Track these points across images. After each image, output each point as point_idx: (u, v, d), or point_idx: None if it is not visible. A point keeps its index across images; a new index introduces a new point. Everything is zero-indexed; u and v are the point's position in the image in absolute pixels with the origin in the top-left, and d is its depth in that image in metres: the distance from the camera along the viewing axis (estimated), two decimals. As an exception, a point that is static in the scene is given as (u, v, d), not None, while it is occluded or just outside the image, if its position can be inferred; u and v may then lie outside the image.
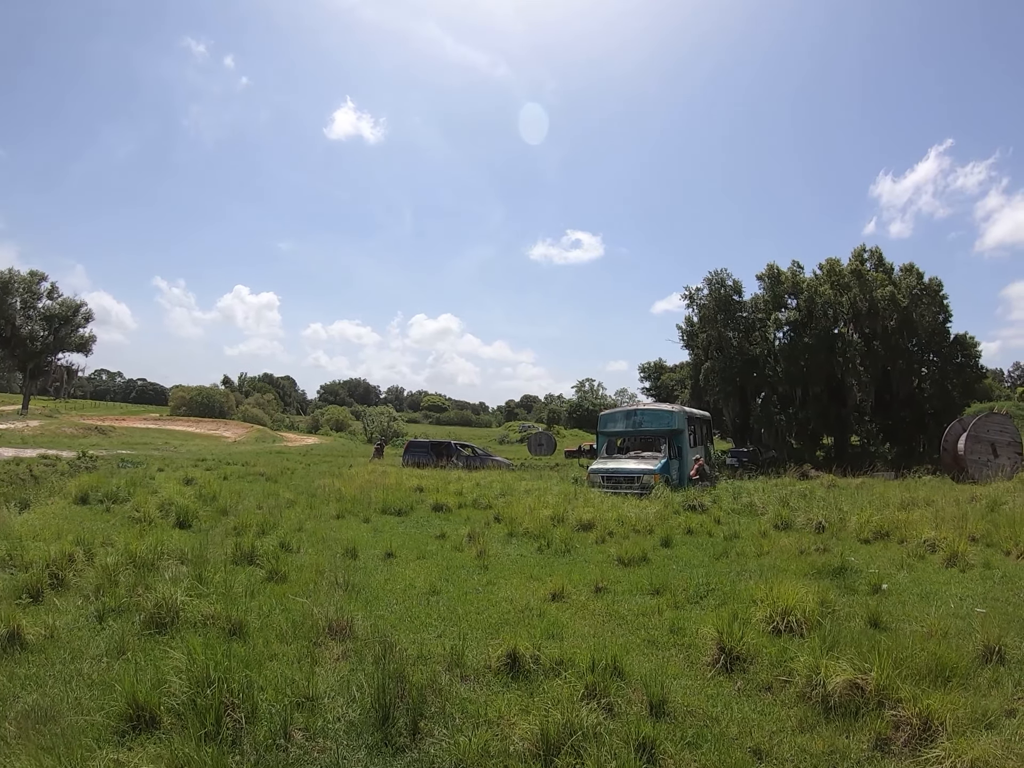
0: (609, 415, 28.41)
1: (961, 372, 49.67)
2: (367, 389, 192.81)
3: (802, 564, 10.20)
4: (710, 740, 4.77)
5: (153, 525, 12.10)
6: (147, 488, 16.96)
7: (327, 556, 10.33)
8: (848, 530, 13.04)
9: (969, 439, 26.28)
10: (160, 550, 9.50)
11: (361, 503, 16.37)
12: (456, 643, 6.24)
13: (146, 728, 4.63)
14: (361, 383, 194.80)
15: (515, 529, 13.34)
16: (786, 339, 52.11)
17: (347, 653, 6.20)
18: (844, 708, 5.11)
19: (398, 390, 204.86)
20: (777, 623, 7.05)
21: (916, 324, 48.61)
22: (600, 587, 8.95)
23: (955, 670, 5.59)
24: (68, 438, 42.30)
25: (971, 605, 8.04)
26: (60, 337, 72.44)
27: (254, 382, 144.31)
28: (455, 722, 4.88)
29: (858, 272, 50.26)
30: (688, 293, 56.31)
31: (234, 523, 12.61)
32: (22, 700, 5.08)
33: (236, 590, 8.09)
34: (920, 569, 10.12)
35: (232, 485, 19.72)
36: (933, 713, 4.78)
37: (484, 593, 8.71)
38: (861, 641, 6.13)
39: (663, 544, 12.22)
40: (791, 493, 19.69)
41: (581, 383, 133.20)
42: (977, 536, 11.70)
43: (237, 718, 4.68)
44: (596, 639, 6.79)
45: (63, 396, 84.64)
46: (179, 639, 6.18)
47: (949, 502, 16.11)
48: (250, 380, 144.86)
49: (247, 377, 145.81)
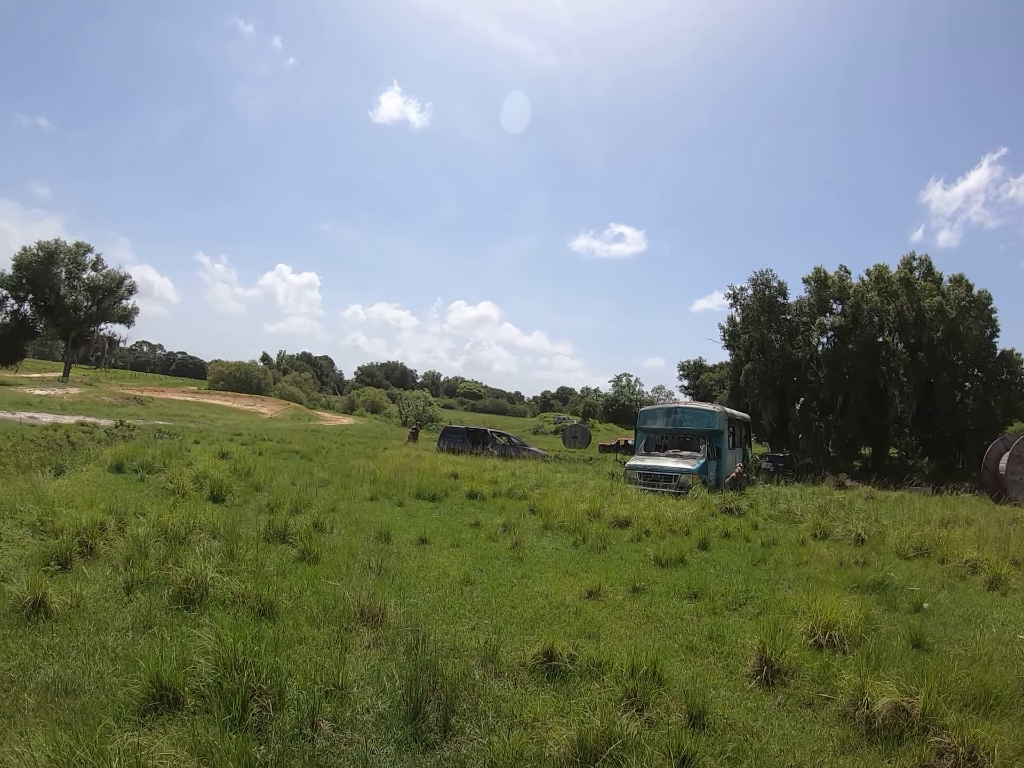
0: (649, 411, 28.21)
1: (1006, 389, 48.81)
2: (404, 372, 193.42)
3: (842, 576, 9.95)
4: (751, 756, 4.64)
5: (186, 497, 12.13)
6: (182, 460, 17.02)
7: (360, 538, 10.31)
8: (888, 544, 12.77)
9: (1012, 459, 25.66)
10: (192, 523, 9.50)
11: (395, 486, 16.35)
12: (490, 637, 6.16)
13: (169, 709, 4.56)
14: (398, 366, 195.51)
15: (550, 522, 13.21)
16: (829, 345, 51.48)
17: (378, 641, 6.13)
18: (888, 731, 4.95)
19: (434, 375, 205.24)
20: (819, 637, 6.89)
21: (963, 337, 47.79)
22: (637, 587, 8.82)
23: (999, 698, 5.44)
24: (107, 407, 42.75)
25: (1013, 631, 7.79)
26: (103, 308, 73.43)
27: (292, 360, 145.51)
28: (488, 721, 4.77)
29: (907, 280, 49.48)
30: (732, 292, 55.84)
31: (267, 500, 12.62)
32: (43, 671, 5.02)
33: (267, 569, 8.06)
34: (961, 590, 9.87)
35: (267, 461, 19.78)
36: (979, 742, 4.61)
37: (519, 586, 8.61)
38: (905, 662, 5.99)
39: (700, 546, 12.05)
40: (829, 502, 19.36)
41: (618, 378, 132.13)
42: (1019, 560, 11.38)
43: (264, 704, 4.60)
44: (633, 641, 6.67)
45: (104, 365, 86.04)
46: (207, 616, 6.14)
47: (991, 523, 15.75)
48: (288, 358, 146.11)
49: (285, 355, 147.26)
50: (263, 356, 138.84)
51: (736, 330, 56.04)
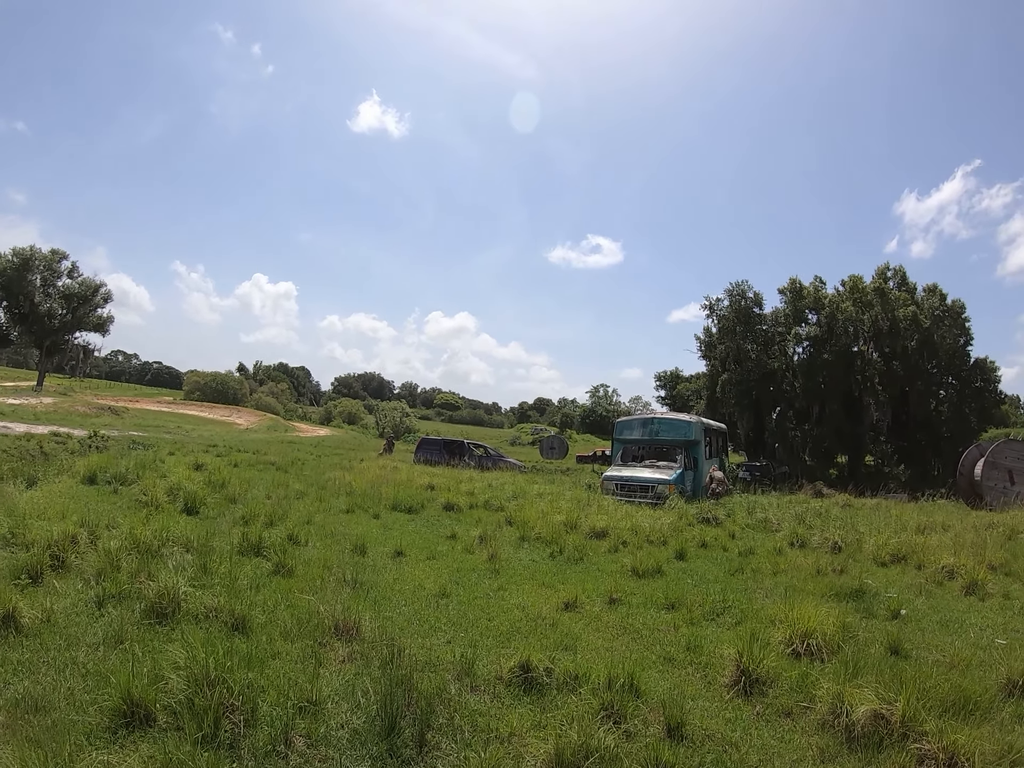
0: (625, 422, 28.27)
1: (979, 397, 49.46)
2: (381, 383, 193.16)
3: (819, 585, 9.95)
4: (730, 767, 4.59)
5: (160, 510, 12.00)
6: (156, 471, 16.89)
7: (335, 551, 10.18)
8: (865, 552, 12.79)
9: (986, 465, 25.87)
10: (165, 536, 9.39)
11: (371, 498, 16.24)
12: (466, 650, 6.07)
13: (140, 726, 4.47)
14: (375, 377, 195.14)
15: (527, 533, 13.15)
16: (805, 354, 51.97)
17: (353, 655, 6.03)
18: (868, 739, 4.92)
19: (412, 386, 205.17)
20: (797, 646, 6.86)
21: (937, 346, 48.36)
22: (614, 598, 8.76)
23: (978, 703, 5.41)
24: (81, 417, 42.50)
25: (991, 636, 7.82)
26: (78, 316, 73.02)
27: (269, 371, 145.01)
28: (464, 736, 4.69)
29: (881, 290, 50.05)
30: (708, 303, 56.29)
31: (242, 512, 12.48)
32: (13, 687, 4.92)
33: (241, 582, 7.93)
34: (939, 596, 9.88)
35: (242, 473, 19.67)
36: (959, 748, 4.59)
37: (495, 599, 8.54)
38: (883, 669, 5.94)
39: (677, 557, 12.01)
40: (806, 511, 19.42)
41: (595, 388, 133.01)
42: (996, 565, 11.43)
43: (236, 721, 4.51)
44: (611, 653, 6.62)
45: (78, 375, 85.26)
46: (180, 631, 6.04)
47: (967, 528, 15.82)
48: (265, 368, 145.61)
49: (262, 365, 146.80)
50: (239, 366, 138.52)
51: (712, 341, 56.39)
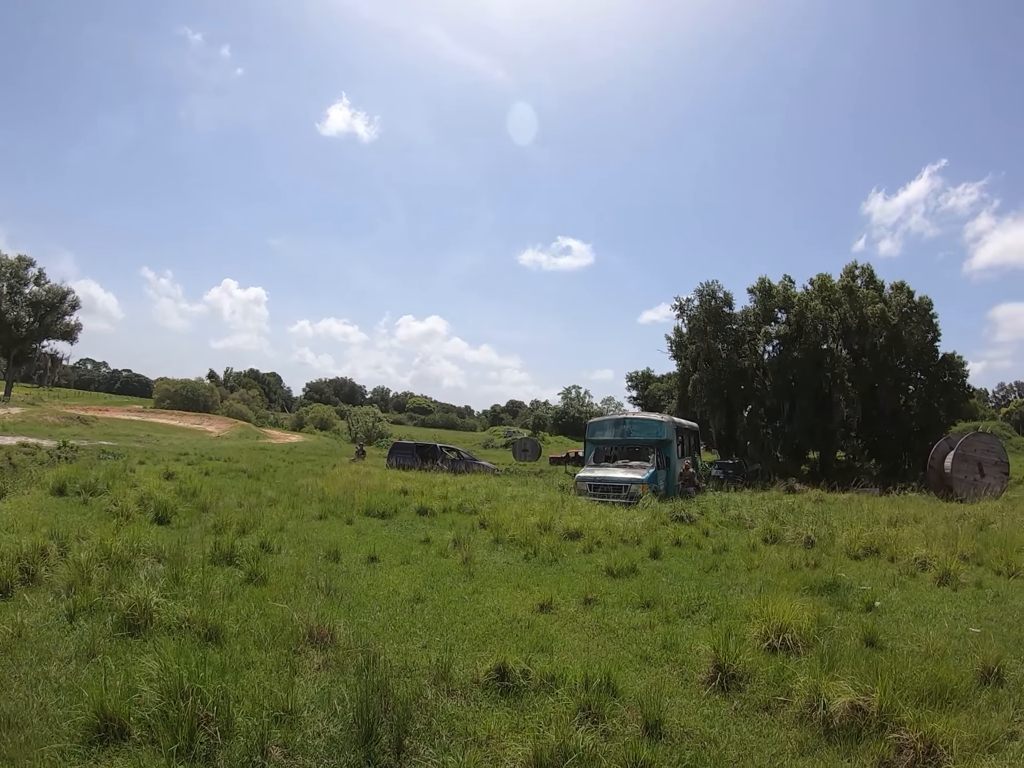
0: (597, 423, 28.37)
1: (947, 391, 49.97)
2: (353, 388, 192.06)
3: (794, 579, 10.03)
4: (709, 763, 4.59)
5: (130, 520, 11.85)
6: (126, 481, 16.73)
7: (308, 558, 10.10)
8: (838, 546, 12.89)
9: (956, 458, 26.30)
10: (136, 547, 9.27)
11: (344, 504, 16.14)
12: (442, 655, 6.01)
13: (115, 740, 4.39)
14: (347, 382, 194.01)
15: (501, 536, 13.13)
16: (775, 353, 52.28)
17: (328, 663, 5.96)
18: (846, 731, 4.97)
19: (384, 391, 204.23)
20: (772, 640, 6.89)
21: (905, 342, 48.82)
22: (589, 599, 8.74)
23: (955, 692, 5.49)
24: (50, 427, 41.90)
25: (965, 625, 7.90)
26: (46, 324, 72.22)
27: (239, 377, 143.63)
28: (442, 740, 4.65)
29: (849, 289, 50.47)
30: (678, 303, 56.47)
31: (214, 521, 12.37)
32: (-15, 704, 4.79)
33: (213, 592, 7.82)
34: (912, 587, 9.98)
35: (213, 481, 19.53)
36: (937, 736, 4.64)
37: (470, 602, 8.49)
38: (859, 661, 6.00)
39: (652, 556, 12.04)
40: (779, 507, 19.60)
41: (567, 390, 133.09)
42: (968, 555, 11.58)
43: (212, 732, 4.43)
44: (587, 654, 6.62)
45: (47, 384, 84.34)
46: (152, 643, 5.95)
47: (938, 520, 16.03)
48: (235, 375, 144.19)
49: (232, 372, 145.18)
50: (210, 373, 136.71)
51: (683, 341, 56.62)
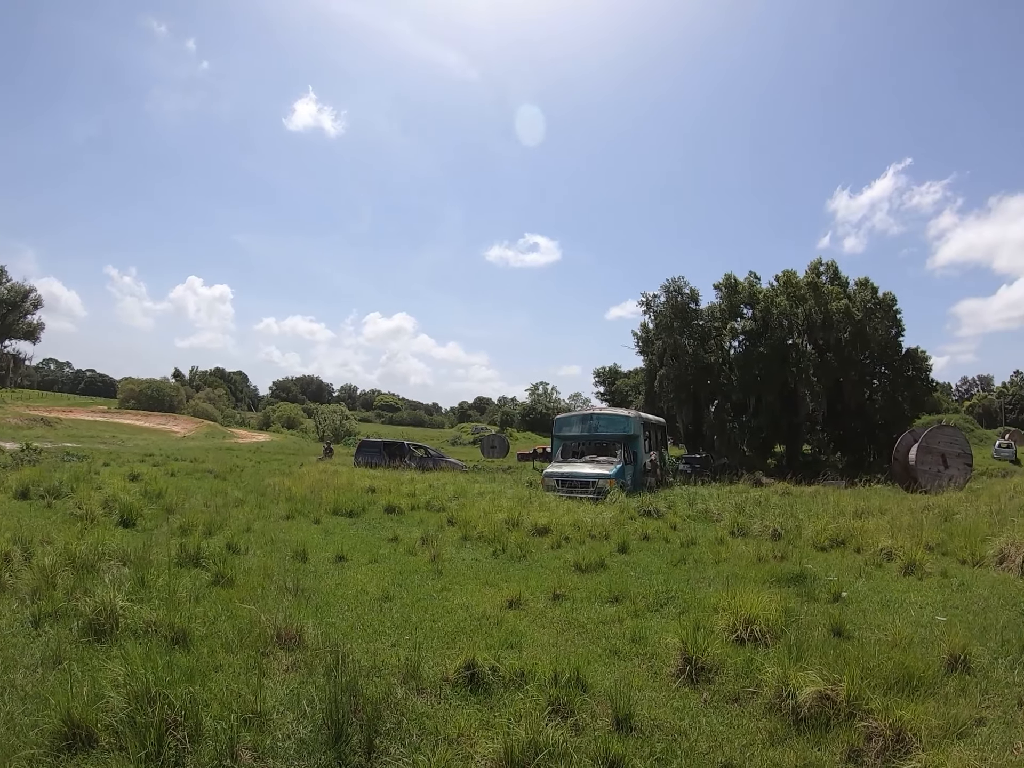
0: (564, 419, 28.41)
1: (911, 385, 50.84)
2: (320, 387, 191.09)
3: (761, 571, 10.10)
4: (680, 755, 4.59)
5: (95, 523, 11.69)
6: (91, 483, 16.47)
7: (276, 559, 10.00)
8: (804, 538, 13.00)
9: (920, 450, 26.65)
10: (101, 550, 9.09)
11: (311, 503, 16.04)
12: (411, 653, 5.97)
13: (83, 747, 4.31)
14: (314, 380, 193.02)
15: (469, 533, 13.10)
16: (741, 348, 52.89)
17: (297, 664, 5.89)
18: (815, 720, 4.99)
19: (351, 388, 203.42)
20: (740, 632, 6.91)
21: (869, 337, 49.59)
22: (558, 594, 8.73)
23: (922, 679, 5.54)
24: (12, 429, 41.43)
25: (931, 613, 7.97)
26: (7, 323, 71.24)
27: (205, 376, 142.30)
28: (413, 739, 4.61)
29: (814, 285, 51.18)
30: (645, 299, 56.93)
31: (180, 522, 12.22)
32: (-50, 715, 4.68)
33: (180, 595, 7.71)
34: (878, 577, 10.07)
35: (179, 482, 19.37)
36: (905, 724, 4.68)
37: (439, 600, 8.45)
38: (827, 651, 6.03)
39: (620, 550, 12.08)
40: (746, 500, 19.75)
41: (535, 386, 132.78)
42: (933, 545, 11.72)
43: (180, 737, 4.35)
44: (556, 649, 6.61)
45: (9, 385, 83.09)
46: (118, 648, 5.82)
47: (903, 511, 16.22)
48: (201, 374, 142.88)
49: (198, 371, 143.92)
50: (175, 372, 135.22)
51: (650, 336, 57.04)
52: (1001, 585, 9.16)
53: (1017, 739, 4.76)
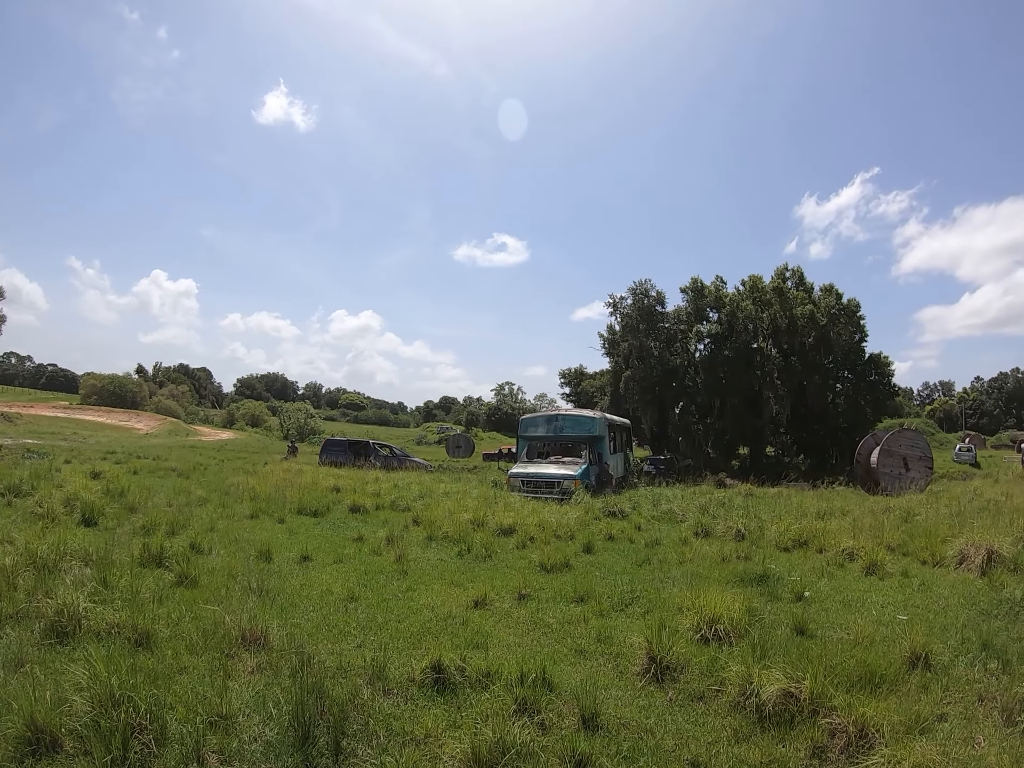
0: (530, 419, 28.44)
1: (874, 389, 51.55)
2: (285, 384, 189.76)
3: (725, 571, 10.19)
4: (646, 753, 4.63)
5: (57, 522, 11.53)
6: (52, 481, 16.26)
7: (240, 559, 9.91)
8: (768, 538, 13.11)
9: (882, 453, 27.00)
10: (63, 550, 8.94)
11: (276, 503, 15.95)
12: (377, 654, 5.93)
13: (47, 753, 4.25)
14: (279, 378, 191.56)
15: (434, 533, 13.07)
16: (706, 351, 53.28)
17: (262, 665, 5.85)
18: (779, 717, 5.06)
19: (316, 387, 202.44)
20: (705, 631, 6.96)
21: (833, 342, 50.21)
22: (523, 594, 8.75)
23: (884, 677, 5.64)
24: (-29, 425, 40.68)
25: (893, 612, 8.08)
26: (-33, 315, 69.60)
27: (169, 372, 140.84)
28: (380, 741, 4.60)
29: (780, 290, 51.71)
30: (612, 301, 57.20)
31: (142, 521, 12.09)
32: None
33: (143, 595, 7.62)
34: (840, 577, 10.17)
35: (142, 480, 19.16)
36: (868, 720, 4.77)
37: (404, 600, 8.43)
38: (790, 649, 6.10)
39: (585, 550, 12.12)
40: (710, 501, 19.87)
41: (500, 386, 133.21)
42: (894, 545, 11.84)
43: (146, 741, 4.31)
44: (522, 649, 6.62)
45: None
46: (81, 650, 5.73)
47: (865, 513, 16.41)
48: (165, 370, 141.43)
49: (161, 367, 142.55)
50: (138, 368, 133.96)
51: (616, 338, 57.31)
52: (961, 585, 9.28)
53: (978, 734, 4.86)
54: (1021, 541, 10.52)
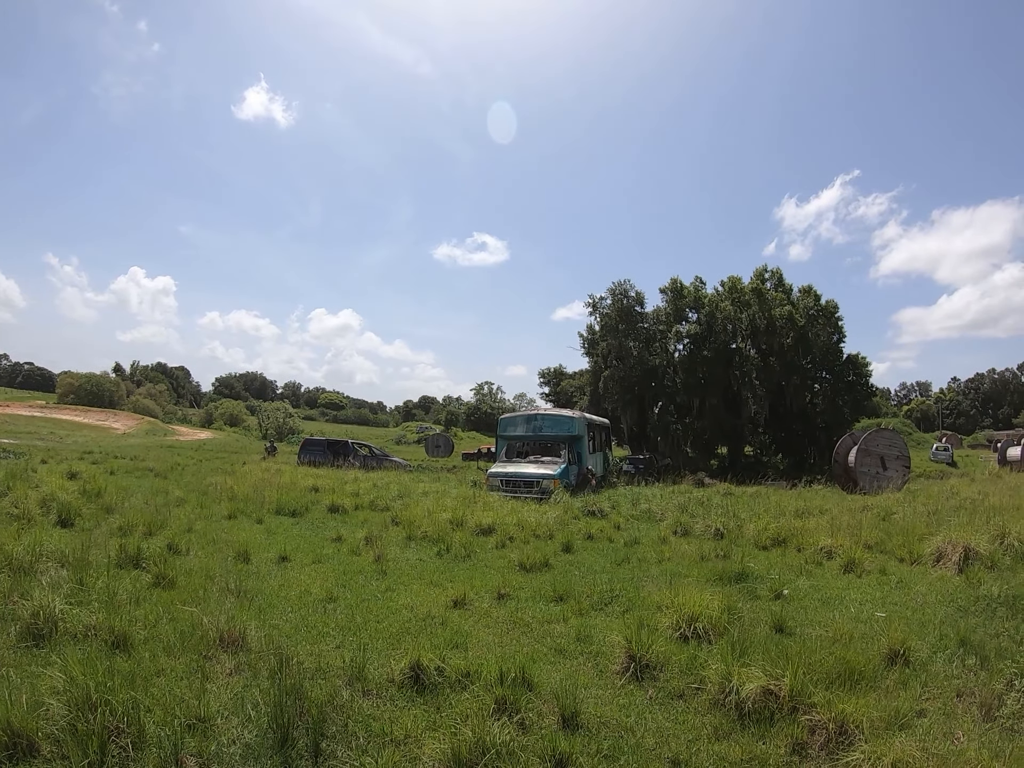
0: (509, 419, 28.37)
1: (852, 389, 51.90)
2: (263, 383, 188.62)
3: (704, 570, 10.24)
4: (627, 752, 4.62)
5: (32, 523, 11.37)
6: (28, 482, 15.99)
7: (218, 559, 9.87)
8: (746, 537, 13.20)
9: (860, 452, 27.18)
10: (38, 551, 8.83)
11: (254, 503, 15.88)
12: (356, 654, 5.91)
13: (24, 758, 4.19)
14: (258, 377, 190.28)
15: (413, 533, 13.03)
16: (686, 351, 53.40)
17: (240, 667, 5.79)
18: (759, 714, 5.07)
19: (295, 386, 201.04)
20: (684, 630, 6.98)
21: (811, 343, 50.52)
22: (503, 594, 8.74)
23: (863, 673, 5.68)
24: (-56, 426, 40.24)
25: (871, 610, 8.14)
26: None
27: (147, 371, 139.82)
28: (359, 742, 4.57)
29: (758, 291, 51.93)
30: (592, 301, 57.17)
31: (120, 522, 11.97)
32: None
33: (120, 597, 7.54)
34: (819, 575, 10.23)
35: (119, 480, 19.06)
36: (848, 716, 4.80)
37: (383, 600, 8.39)
38: (769, 647, 6.14)
39: (564, 550, 12.13)
40: (689, 500, 19.96)
41: (480, 386, 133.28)
42: (871, 544, 11.92)
43: (123, 744, 4.26)
44: (502, 648, 6.61)
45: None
46: (58, 653, 5.63)
47: (843, 511, 16.50)
48: (142, 369, 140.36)
49: (139, 366, 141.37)
50: (116, 367, 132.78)
51: (595, 338, 57.32)
52: (938, 582, 9.36)
53: (957, 729, 4.91)
54: (998, 539, 10.61)
